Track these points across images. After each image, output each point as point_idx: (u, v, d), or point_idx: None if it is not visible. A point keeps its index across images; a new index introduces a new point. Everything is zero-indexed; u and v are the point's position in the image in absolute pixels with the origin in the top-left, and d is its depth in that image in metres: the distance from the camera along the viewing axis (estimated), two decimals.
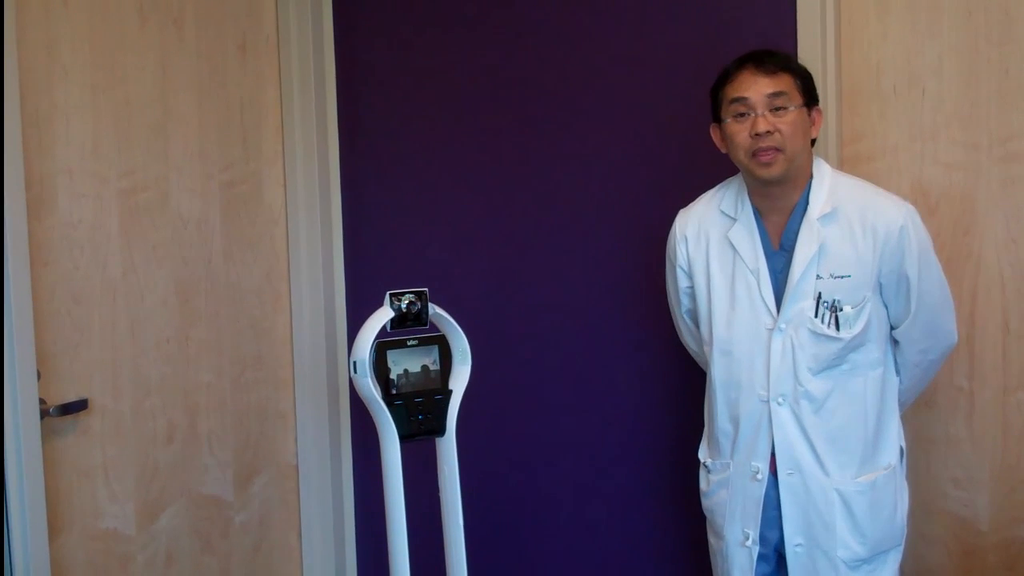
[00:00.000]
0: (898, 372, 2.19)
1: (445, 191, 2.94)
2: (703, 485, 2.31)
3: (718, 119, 2.15)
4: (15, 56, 2.14)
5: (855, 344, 2.09)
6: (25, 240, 2.16)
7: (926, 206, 2.33)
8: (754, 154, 2.06)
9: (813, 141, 2.13)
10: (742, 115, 2.07)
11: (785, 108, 2.05)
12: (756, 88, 2.05)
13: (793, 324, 2.10)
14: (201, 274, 2.70)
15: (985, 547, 2.38)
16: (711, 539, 2.32)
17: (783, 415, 2.11)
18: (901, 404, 2.22)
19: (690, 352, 2.48)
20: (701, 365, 2.45)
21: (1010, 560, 2.36)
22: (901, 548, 2.18)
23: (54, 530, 2.26)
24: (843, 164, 2.41)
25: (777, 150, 2.04)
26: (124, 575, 2.47)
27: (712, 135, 2.20)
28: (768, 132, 2.04)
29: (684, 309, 2.35)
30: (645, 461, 2.74)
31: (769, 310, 2.12)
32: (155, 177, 2.55)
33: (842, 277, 2.07)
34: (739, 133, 2.08)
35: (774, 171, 2.06)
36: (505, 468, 2.91)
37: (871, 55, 2.41)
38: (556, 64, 2.76)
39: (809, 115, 2.10)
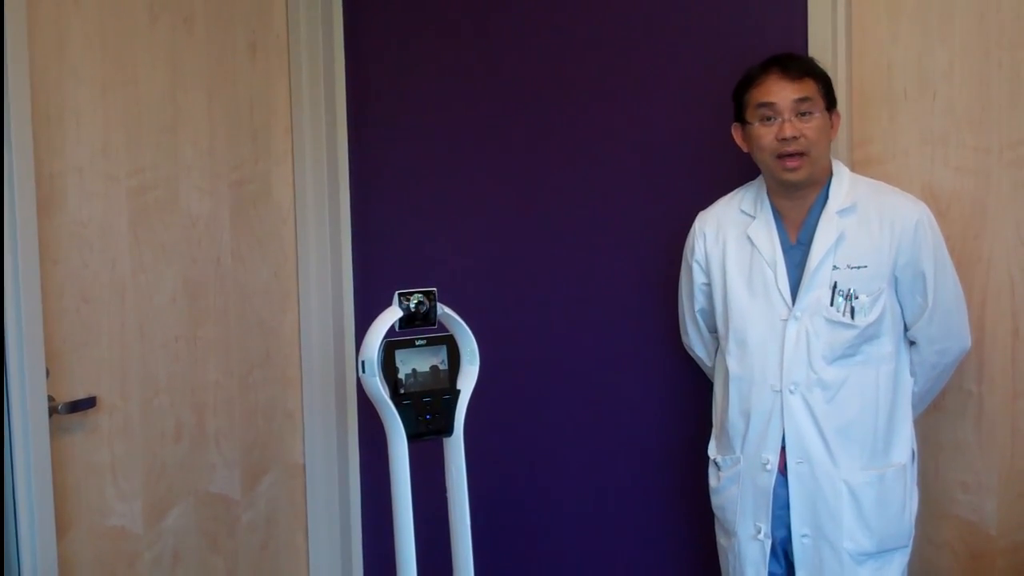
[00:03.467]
0: (913, 374, 2.20)
1: (455, 191, 2.94)
2: (713, 482, 2.32)
3: (741, 120, 2.19)
4: (26, 55, 2.15)
5: (869, 335, 2.12)
6: (35, 238, 2.16)
7: (936, 210, 2.32)
8: (779, 157, 2.12)
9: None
10: (768, 119, 2.13)
11: (811, 113, 2.12)
12: (783, 94, 2.11)
13: (808, 312, 2.13)
14: (210, 273, 2.70)
15: (993, 552, 2.37)
16: (720, 538, 2.32)
17: (795, 404, 2.13)
18: (914, 409, 2.22)
19: (695, 358, 2.48)
20: (706, 371, 2.46)
21: (1018, 565, 2.35)
22: (908, 550, 2.19)
23: (62, 527, 2.26)
24: (854, 167, 2.40)
25: (803, 154, 2.11)
26: (131, 573, 2.48)
27: (734, 134, 2.25)
28: (795, 137, 2.10)
29: (698, 308, 2.37)
30: (654, 461, 2.73)
31: (785, 301, 2.16)
32: (164, 176, 2.55)
33: (858, 268, 2.12)
34: (765, 136, 2.14)
35: (800, 175, 2.13)
36: (513, 468, 2.91)
37: (882, 58, 2.40)
38: (567, 63, 2.75)
39: (829, 118, 2.16)
